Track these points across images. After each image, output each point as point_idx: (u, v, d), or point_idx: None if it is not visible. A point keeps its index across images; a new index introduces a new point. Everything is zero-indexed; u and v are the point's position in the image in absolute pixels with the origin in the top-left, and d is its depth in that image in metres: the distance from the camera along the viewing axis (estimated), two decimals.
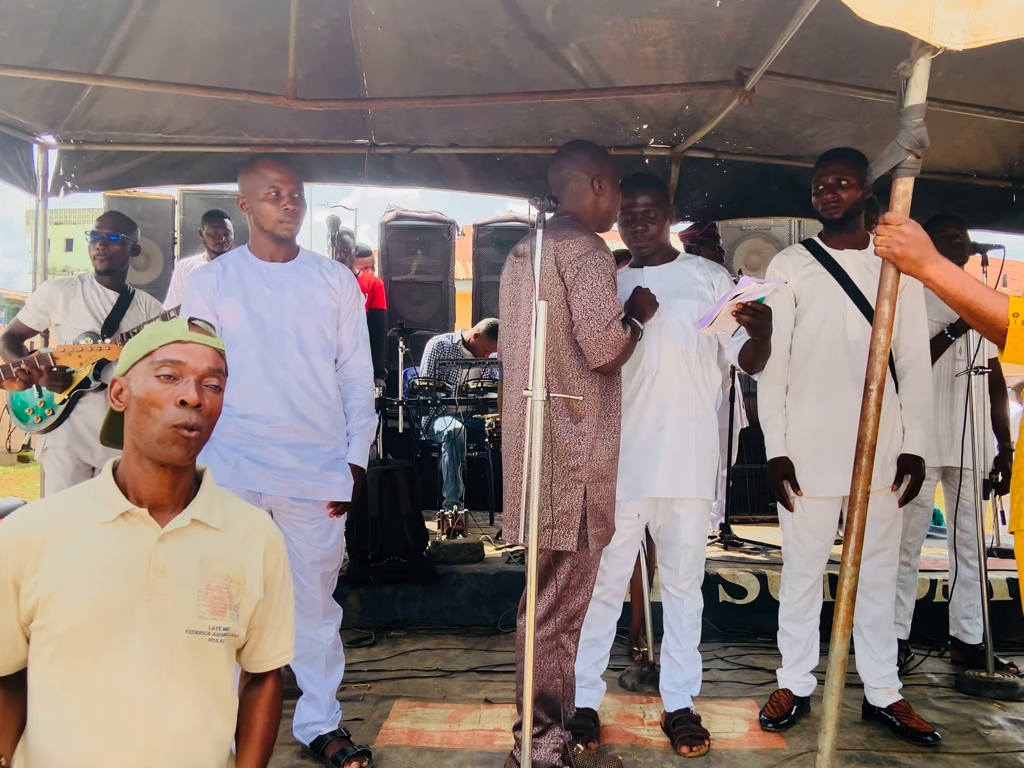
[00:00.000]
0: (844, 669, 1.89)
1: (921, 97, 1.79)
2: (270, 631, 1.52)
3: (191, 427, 1.37)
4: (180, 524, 1.40)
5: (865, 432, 1.85)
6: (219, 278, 2.43)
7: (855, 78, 3.28)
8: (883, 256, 1.81)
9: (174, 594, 1.37)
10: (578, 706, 2.65)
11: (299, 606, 2.46)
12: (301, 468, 2.40)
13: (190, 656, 1.38)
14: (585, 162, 2.42)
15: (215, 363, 1.43)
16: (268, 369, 2.38)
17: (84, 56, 3.63)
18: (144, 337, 1.44)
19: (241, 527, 1.49)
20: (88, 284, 3.47)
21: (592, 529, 2.30)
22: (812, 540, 2.73)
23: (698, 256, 2.85)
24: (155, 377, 1.38)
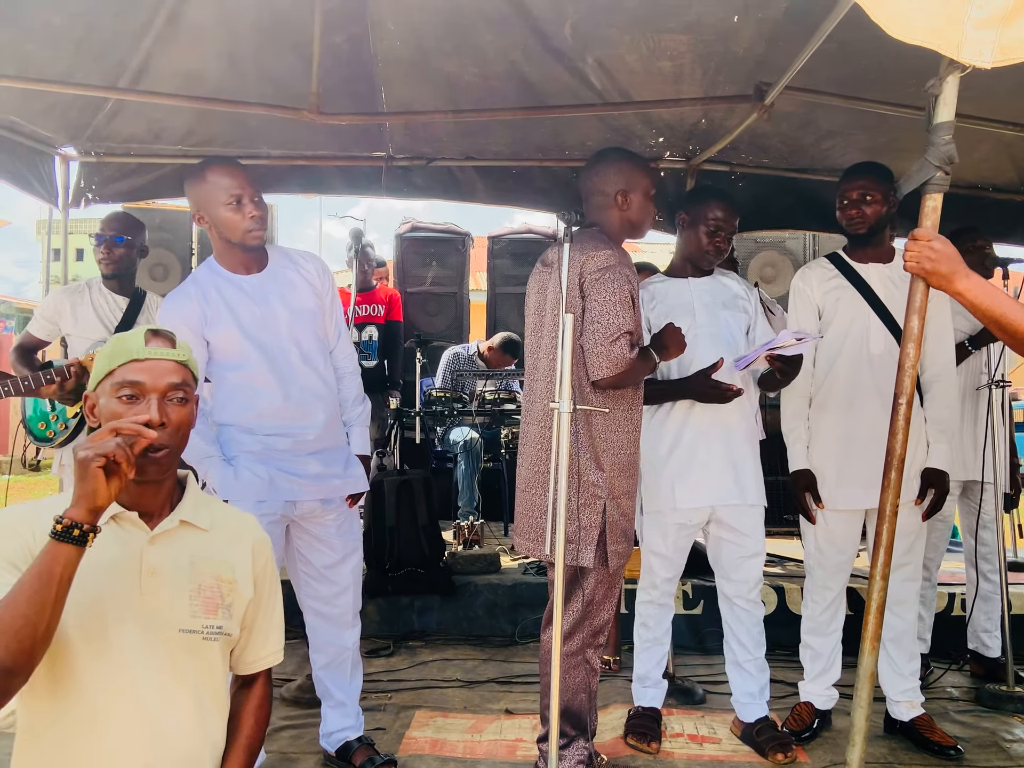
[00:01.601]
0: (873, 682, 1.89)
1: (950, 115, 1.81)
2: (260, 630, 1.53)
3: (158, 448, 1.36)
4: (169, 526, 1.42)
5: (894, 446, 1.86)
6: (203, 307, 2.34)
7: (872, 92, 3.29)
8: (913, 271, 1.82)
9: (166, 594, 1.38)
10: (643, 705, 2.76)
11: (326, 611, 2.51)
12: (328, 472, 2.45)
13: (185, 655, 1.39)
14: (610, 176, 2.43)
15: (178, 376, 1.41)
16: (282, 389, 2.38)
17: (108, 70, 3.66)
18: (106, 353, 1.43)
19: (229, 529, 1.51)
20: (96, 290, 3.43)
21: (612, 546, 2.31)
22: (834, 553, 2.74)
23: (732, 272, 2.91)
24: (116, 399, 1.38)
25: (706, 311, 2.71)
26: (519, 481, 2.44)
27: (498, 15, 3.07)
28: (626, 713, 2.86)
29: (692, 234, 2.75)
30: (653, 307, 2.76)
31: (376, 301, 4.97)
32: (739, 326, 2.71)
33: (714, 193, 2.79)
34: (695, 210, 2.76)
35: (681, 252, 2.84)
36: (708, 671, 3.39)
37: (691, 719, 2.95)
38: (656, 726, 2.75)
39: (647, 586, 2.79)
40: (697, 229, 2.73)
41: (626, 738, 2.73)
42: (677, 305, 2.71)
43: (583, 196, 2.51)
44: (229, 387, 2.40)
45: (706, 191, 2.83)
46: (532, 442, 2.40)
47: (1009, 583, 3.22)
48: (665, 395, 2.69)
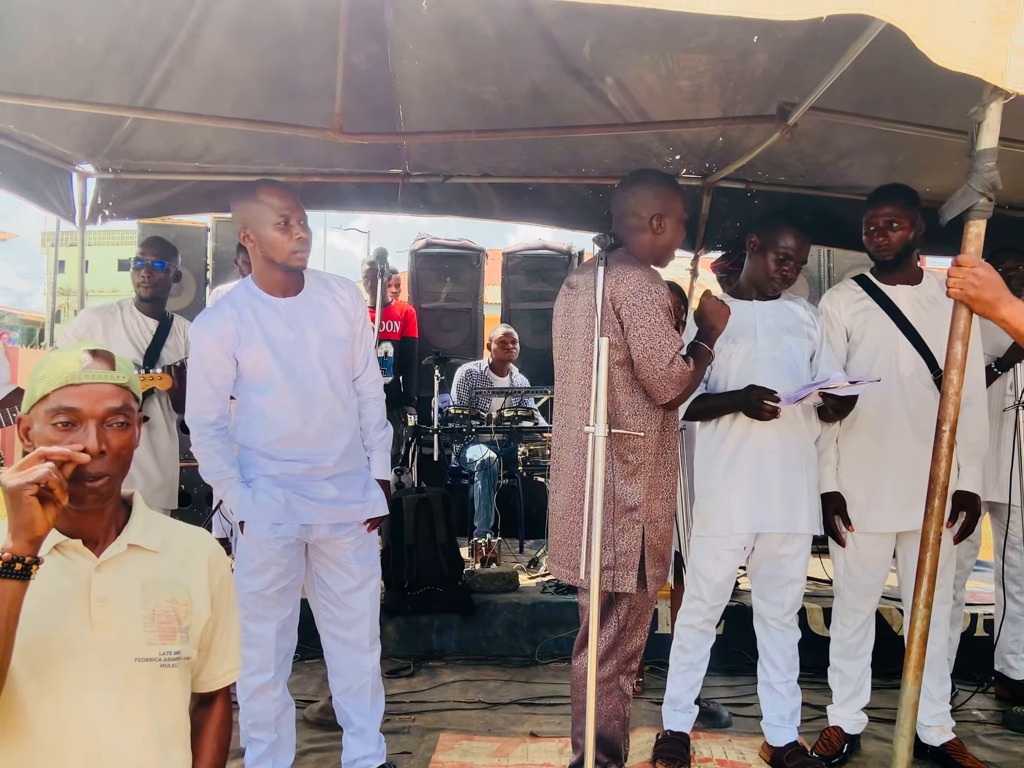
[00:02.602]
0: (915, 712, 1.87)
1: (994, 141, 1.80)
2: (218, 648, 1.49)
3: (96, 476, 1.30)
4: (116, 551, 1.35)
5: (938, 472, 1.85)
6: (238, 327, 2.35)
7: (890, 111, 3.30)
8: (957, 298, 1.81)
9: (118, 623, 1.32)
10: (672, 729, 2.73)
11: (343, 636, 2.50)
12: (344, 496, 2.45)
13: (142, 685, 1.34)
14: (647, 199, 2.39)
15: (118, 400, 1.34)
16: (305, 415, 2.38)
17: (127, 87, 3.66)
18: (40, 376, 1.34)
19: (181, 547, 1.45)
20: (128, 311, 3.48)
21: (651, 570, 2.30)
22: (864, 576, 2.72)
23: (799, 297, 2.90)
24: (52, 426, 1.30)
25: (768, 335, 2.69)
26: (555, 508, 2.42)
27: (517, 35, 3.07)
28: (654, 737, 2.84)
29: (761, 259, 2.73)
30: None
31: (392, 317, 4.98)
32: (802, 352, 2.70)
33: (788, 221, 2.76)
34: (767, 235, 2.73)
35: (748, 274, 2.82)
36: (731, 692, 3.37)
37: (719, 743, 2.92)
38: (685, 751, 2.72)
39: (692, 611, 2.77)
40: (766, 255, 2.71)
41: (655, 763, 2.70)
42: (739, 328, 2.66)
43: (615, 216, 2.48)
44: (253, 410, 2.40)
45: (780, 217, 2.81)
46: (568, 468, 2.37)
47: None
48: (718, 409, 2.67)
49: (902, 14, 1.64)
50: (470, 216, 4.76)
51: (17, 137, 3.95)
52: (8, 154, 3.98)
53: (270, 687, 2.40)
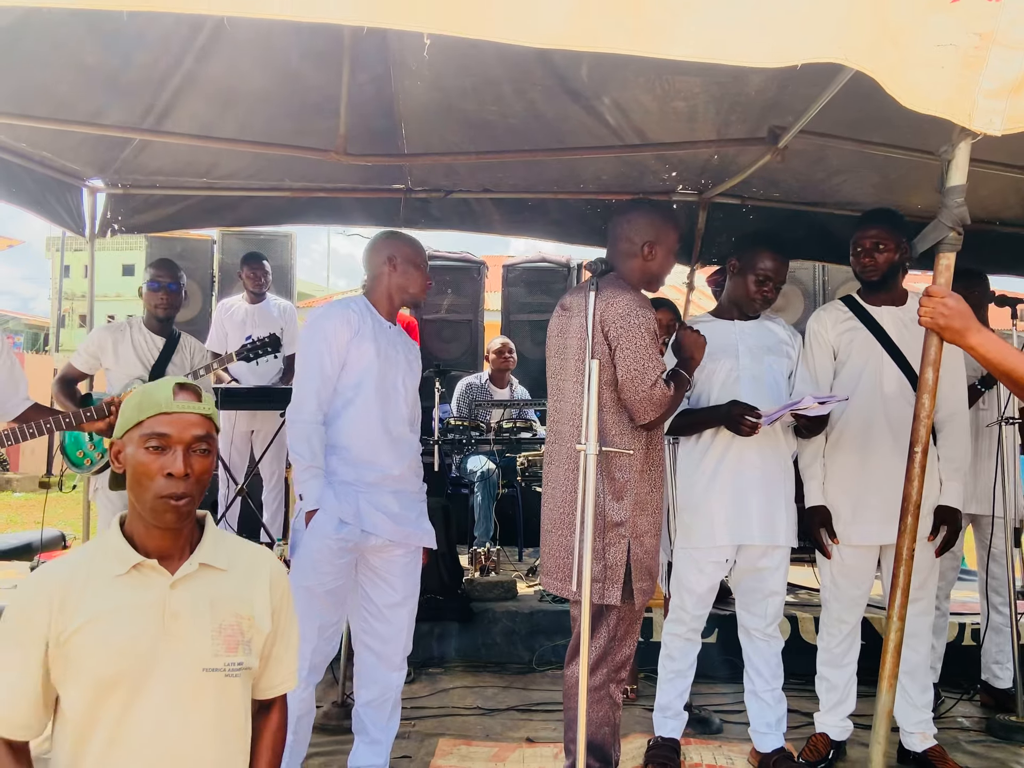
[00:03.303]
0: (890, 719, 1.97)
1: (962, 179, 1.90)
2: (277, 659, 1.59)
3: (179, 496, 1.43)
4: (189, 570, 1.47)
5: (910, 492, 1.94)
6: (360, 323, 2.58)
7: (881, 134, 3.39)
8: (927, 326, 1.91)
9: (189, 636, 1.44)
10: (663, 736, 2.84)
11: (379, 649, 2.63)
12: (404, 515, 2.62)
13: (209, 693, 1.45)
14: (641, 226, 2.47)
15: (202, 429, 1.48)
16: (384, 424, 2.57)
17: (136, 107, 3.78)
18: (134, 404, 1.49)
19: (245, 564, 1.56)
20: (136, 329, 3.58)
21: (637, 583, 2.38)
22: (849, 587, 2.82)
23: (778, 318, 2.99)
24: (144, 449, 1.44)
25: (750, 354, 2.79)
26: (545, 522, 2.52)
27: (516, 56, 3.17)
28: (645, 743, 2.93)
29: (741, 281, 2.83)
30: None
31: None
32: (782, 371, 2.80)
33: (767, 243, 2.84)
34: (746, 258, 2.82)
35: (729, 295, 2.91)
36: (723, 700, 3.46)
37: (709, 749, 3.02)
38: (676, 756, 2.82)
39: (676, 620, 2.86)
40: (746, 277, 2.80)
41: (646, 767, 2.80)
42: (721, 347, 2.77)
43: (610, 240, 2.58)
44: (340, 404, 2.56)
45: (759, 240, 2.88)
46: (558, 484, 2.47)
47: (1020, 614, 3.30)
48: (701, 423, 2.77)
49: (872, 62, 1.74)
50: (471, 230, 4.86)
51: (29, 155, 4.07)
52: (20, 171, 4.10)
53: (299, 686, 2.50)
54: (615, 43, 1.74)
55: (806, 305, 5.89)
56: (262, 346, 3.46)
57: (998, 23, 1.79)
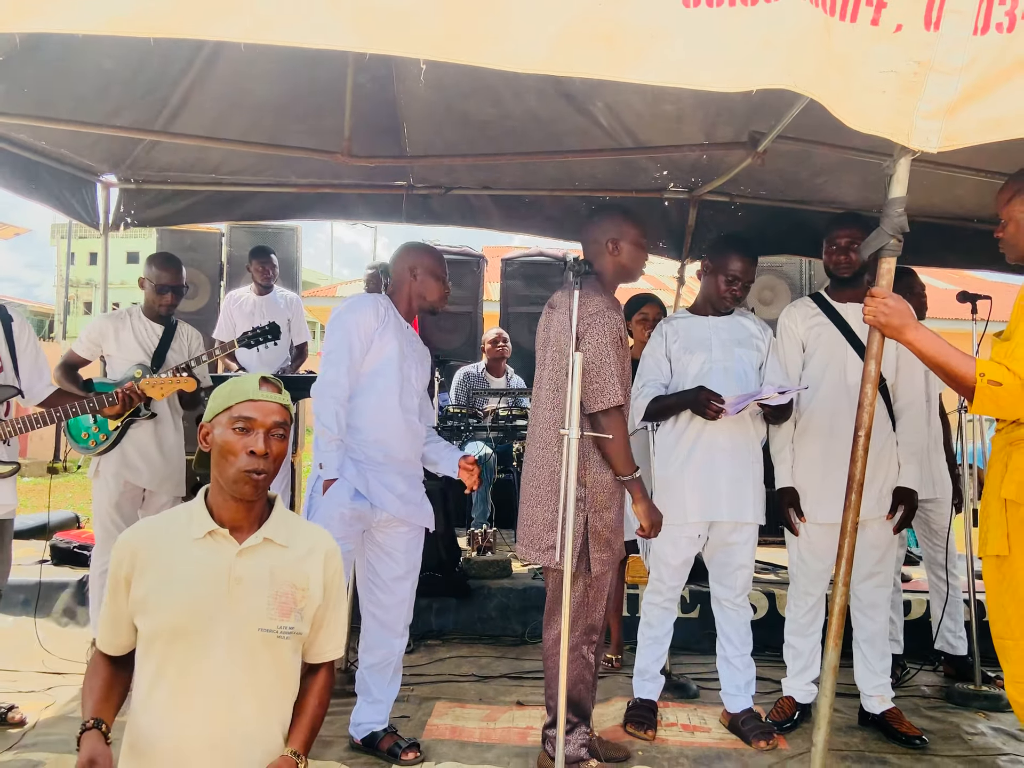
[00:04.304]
0: (836, 674, 2.19)
1: (903, 191, 2.13)
2: (327, 629, 1.81)
3: (259, 472, 1.67)
4: (254, 542, 1.70)
5: (855, 472, 2.18)
6: (385, 317, 2.84)
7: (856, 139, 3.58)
8: (870, 324, 2.14)
9: (249, 599, 1.66)
10: (641, 697, 3.08)
11: (382, 617, 2.87)
12: (409, 494, 2.87)
13: (262, 650, 1.68)
14: (604, 227, 2.75)
15: (281, 417, 1.72)
16: (398, 410, 2.82)
17: (149, 108, 3.99)
18: (225, 393, 1.73)
19: (305, 543, 1.78)
20: (136, 318, 3.76)
21: (595, 554, 2.61)
22: (815, 562, 3.06)
23: (750, 313, 3.22)
24: (232, 430, 1.68)
25: (722, 347, 3.03)
26: (522, 496, 2.78)
27: None
28: (626, 705, 3.18)
29: (712, 280, 3.07)
30: (675, 340, 3.09)
31: None
32: (751, 362, 3.04)
33: (735, 246, 3.07)
34: (717, 260, 3.07)
35: (703, 293, 3.16)
36: (702, 669, 3.70)
37: (684, 711, 3.28)
38: (653, 716, 3.07)
39: (654, 591, 3.11)
40: (717, 277, 3.04)
41: (625, 726, 3.06)
42: (696, 340, 3.05)
43: (583, 244, 2.86)
44: (359, 388, 2.80)
45: (728, 243, 3.10)
46: (534, 462, 2.73)
47: (978, 591, 3.53)
48: (672, 408, 3.01)
49: (820, 88, 1.96)
50: (470, 226, 5.05)
51: (47, 152, 4.29)
52: (38, 167, 4.31)
53: None
54: (591, 70, 1.97)
55: (792, 298, 6.10)
56: (262, 334, 3.63)
57: (935, 52, 2.00)
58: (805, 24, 1.94)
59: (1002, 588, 2.22)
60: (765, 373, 3.06)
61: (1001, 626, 2.23)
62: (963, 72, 2.00)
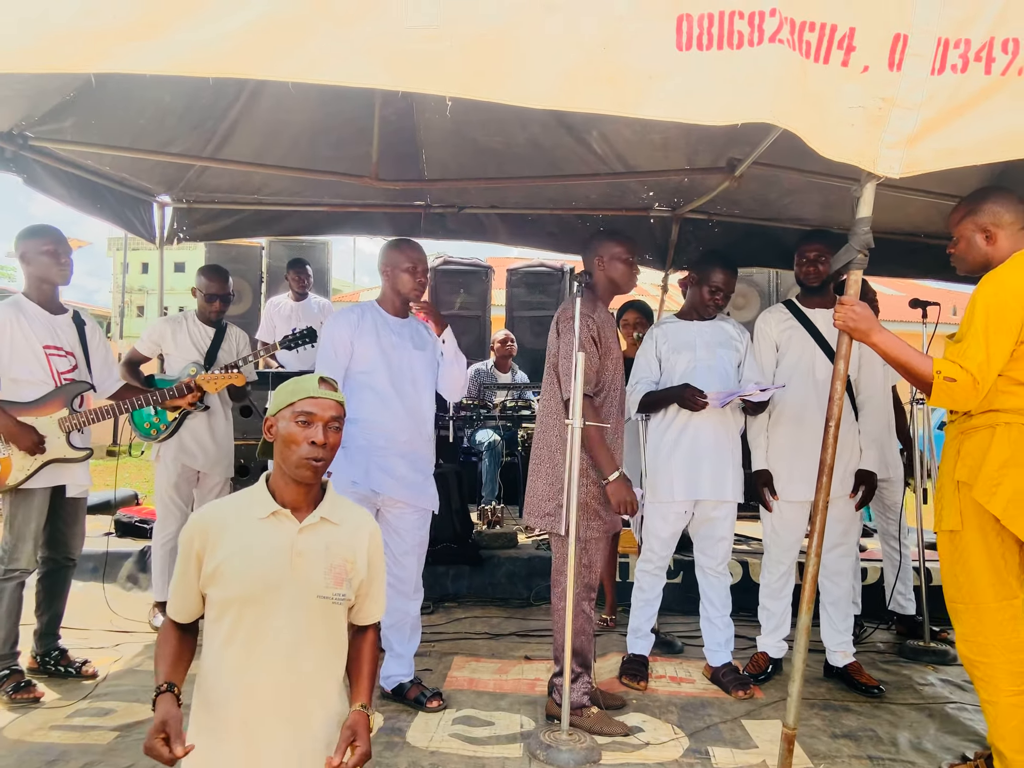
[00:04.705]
0: (808, 635, 2.19)
1: (868, 211, 2.12)
2: (371, 596, 1.81)
3: (318, 459, 1.68)
4: (312, 521, 1.71)
5: (825, 458, 2.18)
6: (360, 320, 2.81)
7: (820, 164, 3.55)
8: (840, 328, 2.14)
9: (309, 570, 1.67)
10: (634, 652, 3.10)
11: (396, 585, 2.83)
12: (410, 476, 2.81)
13: (319, 615, 1.69)
14: (593, 247, 2.79)
15: (337, 411, 1.73)
16: (392, 396, 2.78)
17: (201, 137, 3.99)
18: (288, 390, 1.74)
19: (352, 522, 1.79)
20: (191, 321, 3.76)
21: (583, 521, 2.65)
22: (786, 534, 3.06)
23: (730, 318, 3.22)
24: (295, 422, 1.69)
25: (706, 348, 3.03)
26: (528, 470, 2.82)
27: None
28: (621, 659, 3.19)
29: (697, 291, 3.08)
30: (664, 343, 3.09)
31: None
32: (731, 362, 3.04)
33: (718, 261, 3.07)
34: (701, 272, 3.07)
35: (689, 301, 3.16)
36: (686, 628, 3.70)
37: (672, 664, 3.28)
38: (644, 669, 3.08)
39: (645, 560, 3.12)
40: (702, 288, 3.05)
41: (620, 678, 3.06)
42: (682, 342, 3.05)
43: (583, 262, 2.87)
44: (357, 388, 2.78)
45: (712, 258, 3.10)
46: (536, 442, 2.81)
47: (928, 560, 3.54)
48: (662, 401, 3.03)
49: (797, 122, 1.96)
50: (480, 241, 5.05)
51: (111, 176, 4.28)
52: (104, 190, 4.30)
53: None
54: (597, 105, 1.96)
55: (762, 304, 6.10)
56: (301, 337, 3.63)
57: (898, 89, 2.00)
58: (784, 65, 1.94)
59: (954, 558, 2.23)
60: (744, 371, 3.06)
61: (953, 592, 2.24)
62: (922, 107, 2.00)
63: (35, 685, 2.82)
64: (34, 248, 2.90)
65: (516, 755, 2.44)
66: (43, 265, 2.90)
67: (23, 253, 2.92)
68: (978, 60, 2.01)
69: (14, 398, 2.84)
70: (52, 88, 3.23)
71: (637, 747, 2.50)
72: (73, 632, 3.30)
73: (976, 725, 2.72)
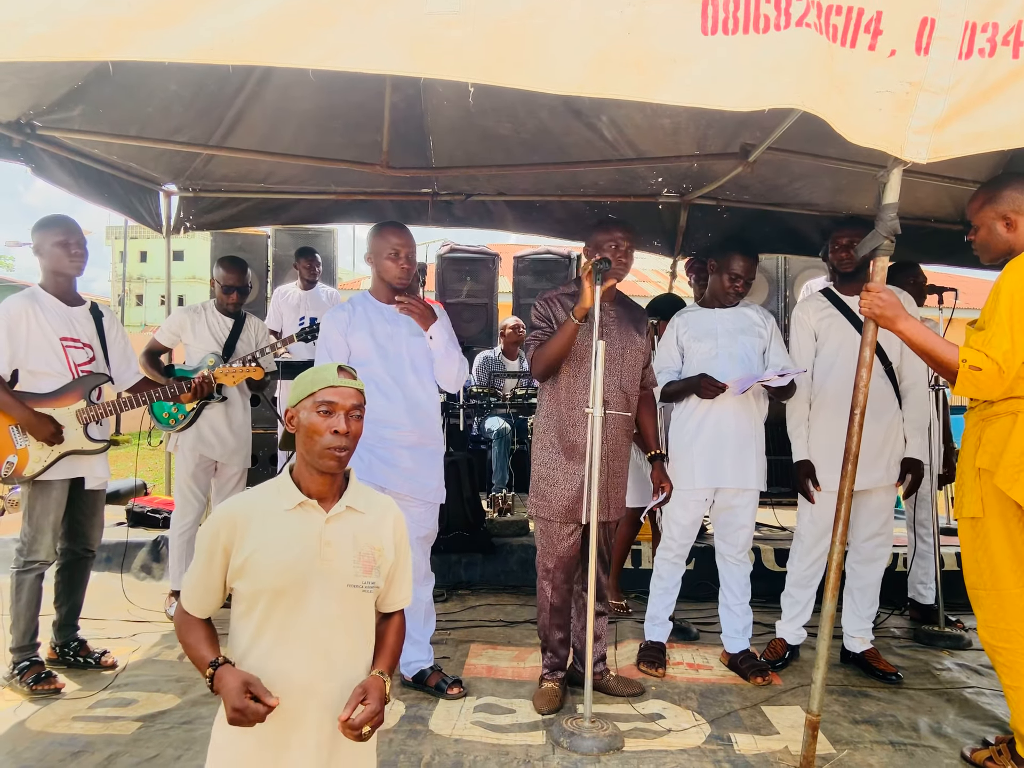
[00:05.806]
0: (833, 622, 2.20)
1: (895, 197, 2.10)
2: (397, 583, 1.81)
3: (341, 448, 1.66)
4: (339, 510, 1.69)
5: (850, 446, 2.17)
6: (351, 316, 2.77)
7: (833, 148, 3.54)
8: (866, 315, 2.12)
9: (338, 559, 1.66)
10: (652, 640, 3.10)
11: None
12: (414, 469, 2.77)
13: (349, 602, 1.68)
14: (591, 239, 2.77)
15: (358, 400, 1.72)
16: (391, 387, 2.74)
17: (207, 125, 3.94)
18: (308, 381, 1.72)
19: (377, 510, 1.78)
20: (210, 312, 3.73)
21: (532, 498, 2.80)
22: (824, 524, 2.98)
23: (753, 303, 3.18)
24: (316, 413, 1.67)
25: (727, 335, 3.01)
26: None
27: None
28: (638, 646, 3.19)
29: (717, 278, 3.05)
30: (685, 331, 3.07)
31: None
32: (754, 348, 3.01)
33: (738, 248, 3.03)
34: (722, 261, 3.04)
35: (710, 289, 3.13)
36: (700, 615, 3.70)
37: (689, 651, 3.28)
38: (662, 656, 3.08)
39: (665, 547, 3.11)
40: (722, 275, 3.02)
41: (639, 665, 3.06)
42: (704, 330, 3.04)
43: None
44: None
45: (731, 245, 3.06)
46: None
47: (941, 545, 3.54)
48: (681, 392, 3.02)
49: (824, 107, 1.92)
50: (487, 228, 5.01)
51: (118, 165, 4.24)
52: (111, 179, 4.27)
53: None
54: (621, 91, 1.92)
55: (770, 289, 6.07)
56: (317, 329, 3.64)
57: (926, 74, 1.98)
58: (810, 50, 1.91)
59: (976, 545, 2.22)
60: (770, 357, 3.03)
61: (975, 578, 2.23)
62: (949, 92, 1.98)
63: (56, 676, 2.82)
64: (46, 240, 2.87)
65: (539, 742, 2.44)
66: (55, 257, 2.88)
67: (37, 245, 2.89)
68: (1006, 44, 1.98)
69: (32, 390, 2.82)
70: (60, 77, 3.19)
71: (659, 734, 2.51)
72: (90, 622, 3.30)
73: (995, 710, 2.72)
